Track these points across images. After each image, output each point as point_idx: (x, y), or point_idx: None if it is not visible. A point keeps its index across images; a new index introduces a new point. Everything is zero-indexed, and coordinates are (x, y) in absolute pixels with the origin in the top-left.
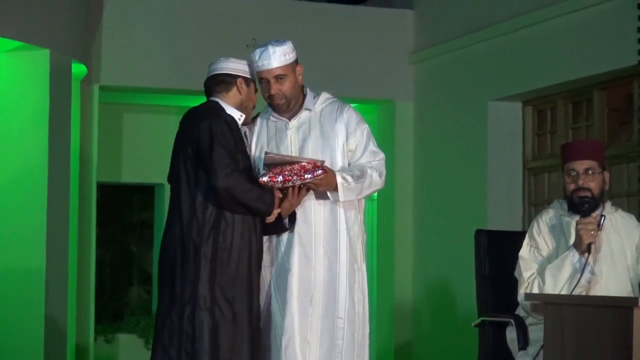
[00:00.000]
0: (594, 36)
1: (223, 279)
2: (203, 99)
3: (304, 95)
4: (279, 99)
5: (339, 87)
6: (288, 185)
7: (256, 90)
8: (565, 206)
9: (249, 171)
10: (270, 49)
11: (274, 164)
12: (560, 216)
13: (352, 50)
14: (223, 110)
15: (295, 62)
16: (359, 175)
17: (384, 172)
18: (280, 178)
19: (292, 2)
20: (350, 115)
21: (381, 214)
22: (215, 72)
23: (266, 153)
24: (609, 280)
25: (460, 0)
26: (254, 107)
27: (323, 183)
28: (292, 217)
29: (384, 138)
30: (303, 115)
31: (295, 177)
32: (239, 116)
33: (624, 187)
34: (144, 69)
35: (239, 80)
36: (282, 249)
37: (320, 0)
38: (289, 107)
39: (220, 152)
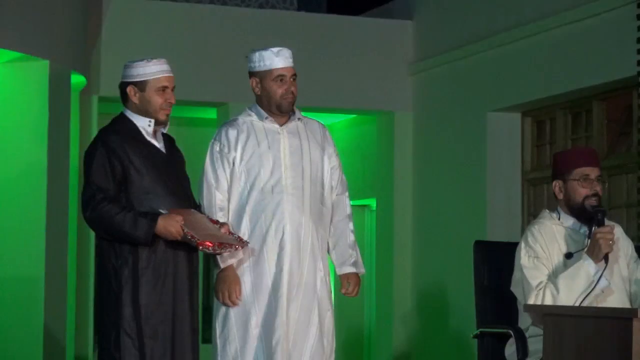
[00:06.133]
0: (593, 47)
1: (147, 300)
2: (201, 110)
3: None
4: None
5: (338, 98)
6: (211, 250)
7: (167, 88)
8: (555, 215)
9: (140, 190)
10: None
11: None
12: (552, 225)
13: (351, 62)
14: (122, 123)
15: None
16: (353, 241)
17: (348, 193)
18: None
19: (291, 13)
20: (330, 137)
21: (380, 224)
22: None
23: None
24: (610, 292)
25: (459, 12)
26: (171, 105)
27: (355, 286)
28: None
29: (383, 149)
30: (293, 123)
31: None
32: (147, 123)
33: (623, 198)
34: None
35: (129, 88)
36: (274, 252)
37: (319, 11)
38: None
39: (86, 185)
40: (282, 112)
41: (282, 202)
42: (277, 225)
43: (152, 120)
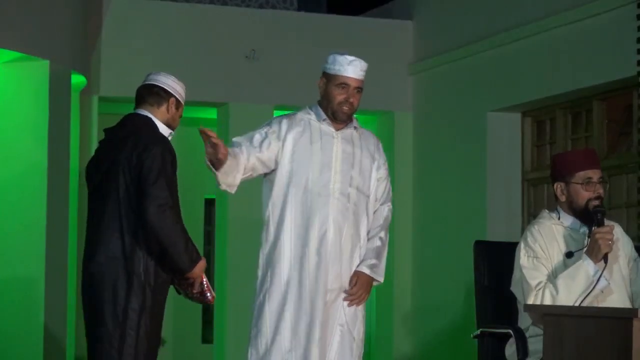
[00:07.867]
0: (594, 47)
1: (155, 310)
2: (201, 110)
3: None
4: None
5: None
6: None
7: (180, 116)
8: (555, 215)
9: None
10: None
11: None
12: (551, 225)
13: None
14: (157, 129)
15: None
16: (378, 247)
17: (390, 204)
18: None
19: (291, 13)
20: (382, 149)
21: None
22: (153, 82)
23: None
24: (610, 292)
25: (459, 12)
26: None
27: (363, 289)
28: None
29: (384, 149)
30: (349, 130)
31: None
32: (169, 133)
33: (623, 198)
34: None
35: (172, 99)
36: (315, 254)
37: (319, 11)
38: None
39: (162, 185)
40: (336, 119)
41: (328, 205)
42: (320, 227)
43: (172, 133)
